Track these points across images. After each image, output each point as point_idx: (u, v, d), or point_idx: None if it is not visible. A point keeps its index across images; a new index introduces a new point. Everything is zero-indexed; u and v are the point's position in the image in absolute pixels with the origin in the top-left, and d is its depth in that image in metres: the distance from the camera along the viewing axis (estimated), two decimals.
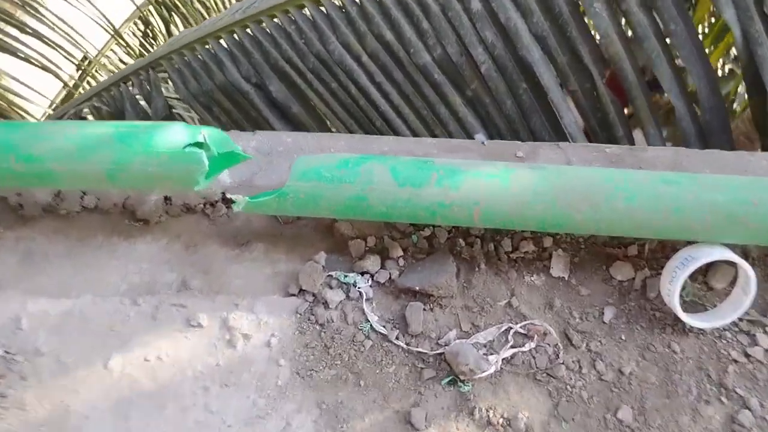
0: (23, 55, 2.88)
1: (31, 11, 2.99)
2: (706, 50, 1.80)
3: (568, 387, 1.04)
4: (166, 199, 1.14)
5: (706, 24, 2.73)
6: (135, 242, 1.13)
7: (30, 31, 2.93)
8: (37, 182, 0.98)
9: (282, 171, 1.19)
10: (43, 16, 3.06)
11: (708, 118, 1.83)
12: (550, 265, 1.13)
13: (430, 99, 2.36)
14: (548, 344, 1.06)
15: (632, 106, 2.05)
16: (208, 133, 0.99)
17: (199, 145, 0.97)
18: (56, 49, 3.10)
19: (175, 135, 0.97)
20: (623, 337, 1.08)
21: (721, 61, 2.89)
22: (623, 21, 1.95)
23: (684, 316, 1.02)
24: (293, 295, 1.10)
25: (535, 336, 1.07)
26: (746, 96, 2.10)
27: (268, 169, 1.19)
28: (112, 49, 4.04)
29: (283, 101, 2.51)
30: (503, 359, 1.04)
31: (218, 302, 1.08)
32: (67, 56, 3.26)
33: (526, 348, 1.06)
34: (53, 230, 1.13)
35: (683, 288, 1.11)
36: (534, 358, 1.05)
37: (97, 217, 1.14)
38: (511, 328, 1.07)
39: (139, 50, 3.94)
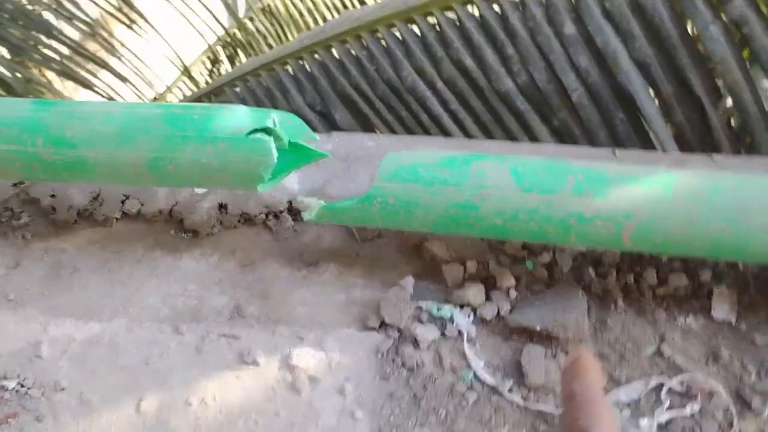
0: (98, 90, 2.87)
1: (109, 48, 3.00)
2: None
3: None
4: (221, 206, 0.95)
5: None
6: (181, 257, 0.93)
7: (107, 67, 2.94)
8: (66, 174, 0.79)
9: (362, 180, 0.98)
10: (119, 53, 3.07)
11: None
12: (710, 306, 0.86)
13: (511, 128, 2.14)
14: (717, 407, 0.79)
15: (752, 140, 1.80)
16: (279, 118, 0.79)
17: (267, 132, 0.77)
18: (128, 85, 3.09)
19: (237, 118, 0.77)
20: None
21: None
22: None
23: None
24: (373, 329, 0.86)
25: (698, 396, 0.79)
26: None
27: (344, 176, 0.98)
28: (177, 86, 4.07)
29: (348, 129, 2.35)
30: (657, 425, 0.77)
31: (279, 335, 0.86)
32: (137, 92, 3.26)
33: (687, 411, 0.78)
34: (87, 240, 0.95)
35: None
36: (699, 426, 0.78)
37: (139, 226, 0.95)
38: (663, 384, 0.80)
39: (203, 86, 3.94)
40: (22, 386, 0.83)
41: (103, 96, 2.93)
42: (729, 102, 1.87)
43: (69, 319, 0.88)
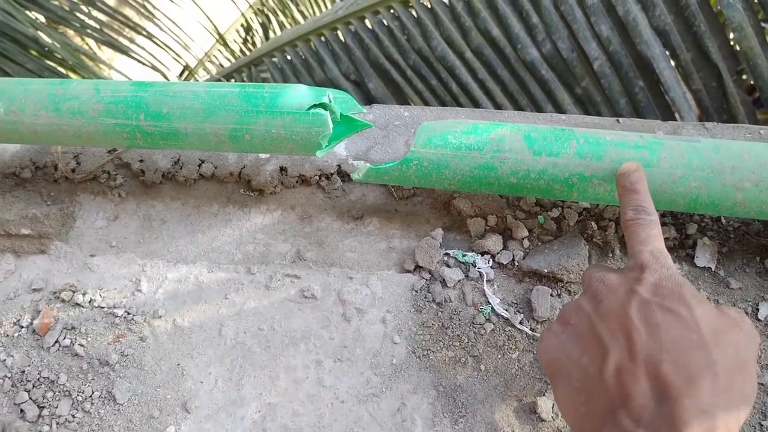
0: (134, 55, 3.03)
1: (146, 14, 3.15)
2: None
3: None
4: (282, 169, 1.12)
5: None
6: (249, 212, 1.11)
7: (144, 33, 3.09)
8: (162, 143, 0.98)
9: (398, 146, 1.14)
10: (156, 18, 3.22)
11: None
12: (694, 254, 1.02)
13: (536, 97, 2.27)
14: None
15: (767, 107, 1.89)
16: (333, 95, 0.95)
17: (323, 107, 0.94)
18: (166, 50, 3.24)
19: (299, 95, 0.94)
20: None
21: None
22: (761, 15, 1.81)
23: None
24: (409, 271, 1.04)
25: None
26: None
27: (385, 143, 1.15)
28: (214, 56, 4.21)
29: (381, 98, 2.49)
30: None
31: (332, 275, 1.04)
32: (177, 57, 3.42)
33: None
34: (171, 197, 1.14)
35: None
36: None
37: (213, 186, 1.14)
38: None
39: (239, 55, 4.08)
40: (128, 314, 1.03)
41: (142, 62, 3.10)
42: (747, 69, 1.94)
43: (161, 261, 1.08)
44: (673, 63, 2.01)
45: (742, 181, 0.87)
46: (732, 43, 1.92)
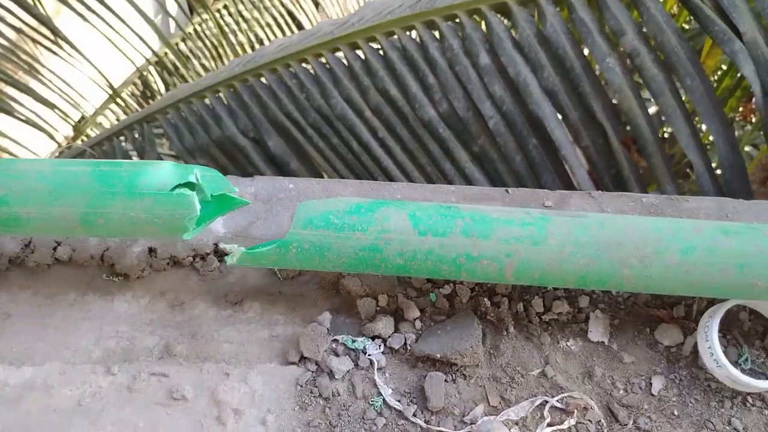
0: (19, 115, 2.80)
1: (32, 71, 2.93)
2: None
3: None
4: (151, 251, 1.01)
5: (714, 78, 2.71)
6: (113, 300, 0.99)
7: (27, 90, 2.86)
8: (1, 229, 0.84)
9: (283, 221, 1.06)
10: (42, 75, 3.00)
11: (728, 175, 1.75)
12: (587, 329, 0.99)
13: (435, 155, 2.28)
14: (590, 420, 0.91)
15: (648, 162, 1.98)
16: (201, 173, 0.86)
17: (191, 186, 0.85)
18: (53, 109, 3.02)
19: (162, 174, 0.84)
20: (675, 413, 0.93)
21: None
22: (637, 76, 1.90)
23: (742, 377, 0.89)
24: (293, 363, 0.95)
25: (575, 411, 0.92)
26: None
27: (267, 218, 1.06)
28: (110, 108, 4.00)
29: (281, 156, 2.42)
30: None
31: (206, 371, 0.93)
32: (65, 117, 3.19)
33: (564, 426, 0.90)
34: (19, 287, 0.99)
35: (740, 355, 0.98)
36: None
37: (70, 271, 1.00)
38: (546, 401, 0.92)
39: (133, 111, 3.89)
40: None
41: (24, 122, 2.87)
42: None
43: (1, 365, 0.92)
44: (563, 122, 2.07)
45: (627, 258, 0.86)
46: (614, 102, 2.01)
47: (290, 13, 4.33)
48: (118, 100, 3.83)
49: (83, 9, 2.80)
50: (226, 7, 4.26)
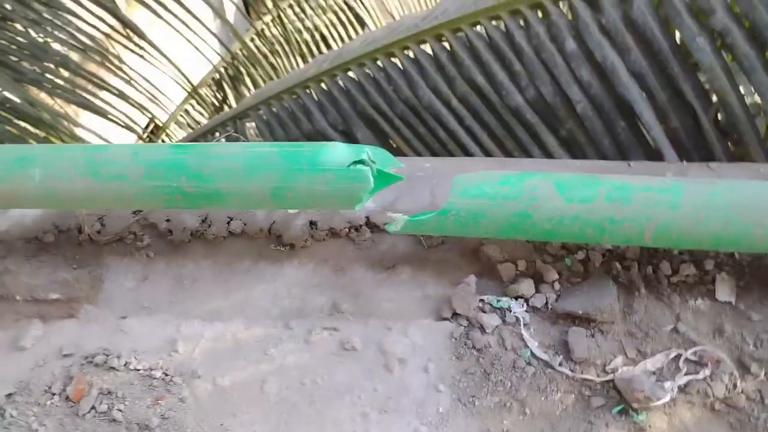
0: (104, 112, 2.98)
1: (114, 70, 3.12)
2: None
3: (752, 419, 0.96)
4: (311, 223, 1.14)
5: None
6: (282, 266, 1.13)
7: (116, 92, 3.04)
8: (204, 203, 0.99)
9: (422, 196, 1.18)
10: (126, 74, 3.19)
11: None
12: (714, 289, 1.07)
13: (522, 141, 2.35)
14: (723, 372, 1.00)
15: (740, 142, 1.99)
16: (371, 151, 0.99)
17: (362, 162, 0.97)
18: (136, 107, 3.21)
19: (339, 153, 0.97)
20: None
21: None
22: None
23: None
24: (446, 319, 1.06)
25: (709, 363, 1.00)
26: None
27: (409, 193, 1.18)
28: (185, 109, 4.20)
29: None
30: (678, 387, 0.98)
31: (371, 326, 1.06)
32: (146, 113, 3.37)
33: (700, 376, 0.99)
34: (201, 255, 1.14)
35: None
36: (710, 386, 0.99)
37: (243, 242, 1.15)
38: (680, 354, 1.01)
39: (211, 110, 4.08)
40: (166, 375, 1.02)
41: (119, 124, 3.06)
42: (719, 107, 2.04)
43: (197, 320, 1.07)
44: (651, 104, 2.12)
45: (761, 218, 0.93)
46: (704, 82, 2.04)
47: (351, 9, 4.43)
48: (197, 98, 4.02)
49: (163, 11, 2.91)
50: (291, 6, 4.41)
